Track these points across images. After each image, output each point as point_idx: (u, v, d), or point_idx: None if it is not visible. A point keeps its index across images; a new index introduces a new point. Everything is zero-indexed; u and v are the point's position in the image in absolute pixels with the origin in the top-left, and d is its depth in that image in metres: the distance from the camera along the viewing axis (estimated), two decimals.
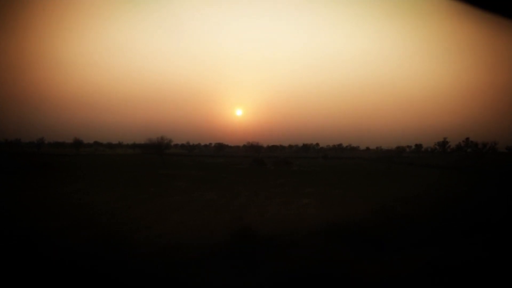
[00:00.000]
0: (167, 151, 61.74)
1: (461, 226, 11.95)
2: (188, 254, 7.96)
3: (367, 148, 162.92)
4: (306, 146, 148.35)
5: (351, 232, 9.29)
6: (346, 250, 8.14)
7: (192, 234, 11.09)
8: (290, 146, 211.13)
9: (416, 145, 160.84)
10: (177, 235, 10.56)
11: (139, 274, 6.15)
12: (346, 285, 6.06)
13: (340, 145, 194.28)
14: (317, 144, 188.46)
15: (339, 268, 6.94)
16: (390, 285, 6.06)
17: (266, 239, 8.71)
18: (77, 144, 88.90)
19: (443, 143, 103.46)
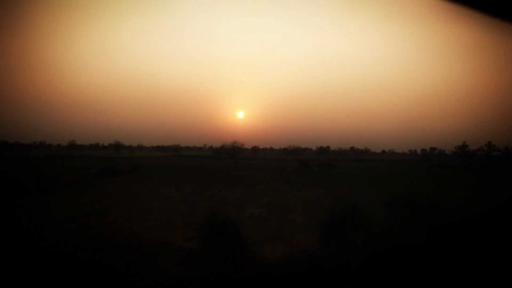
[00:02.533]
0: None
1: None
2: None
3: (383, 151, 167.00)
4: (323, 149, 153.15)
5: None
6: None
7: None
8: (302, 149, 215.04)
9: (431, 148, 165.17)
10: None
11: None
12: None
13: (352, 147, 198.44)
14: (328, 147, 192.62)
15: None
16: None
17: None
18: (118, 146, 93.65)
19: (463, 147, 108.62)
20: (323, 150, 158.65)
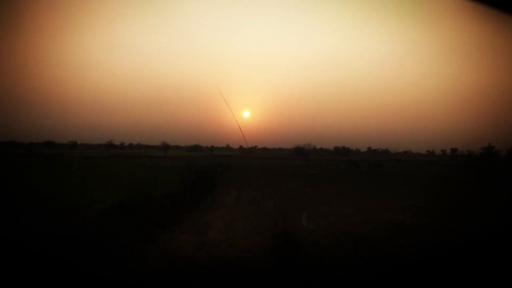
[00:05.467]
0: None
1: None
2: None
3: (405, 152, 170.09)
4: (348, 149, 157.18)
5: None
6: None
7: None
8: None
9: (452, 149, 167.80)
10: None
11: None
12: None
13: (370, 148, 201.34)
14: (344, 147, 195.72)
15: None
16: None
17: None
18: (166, 147, 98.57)
19: (489, 148, 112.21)
20: (347, 151, 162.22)
